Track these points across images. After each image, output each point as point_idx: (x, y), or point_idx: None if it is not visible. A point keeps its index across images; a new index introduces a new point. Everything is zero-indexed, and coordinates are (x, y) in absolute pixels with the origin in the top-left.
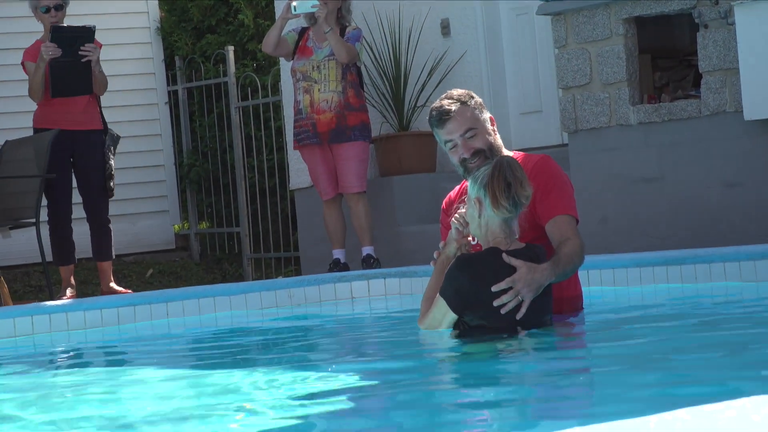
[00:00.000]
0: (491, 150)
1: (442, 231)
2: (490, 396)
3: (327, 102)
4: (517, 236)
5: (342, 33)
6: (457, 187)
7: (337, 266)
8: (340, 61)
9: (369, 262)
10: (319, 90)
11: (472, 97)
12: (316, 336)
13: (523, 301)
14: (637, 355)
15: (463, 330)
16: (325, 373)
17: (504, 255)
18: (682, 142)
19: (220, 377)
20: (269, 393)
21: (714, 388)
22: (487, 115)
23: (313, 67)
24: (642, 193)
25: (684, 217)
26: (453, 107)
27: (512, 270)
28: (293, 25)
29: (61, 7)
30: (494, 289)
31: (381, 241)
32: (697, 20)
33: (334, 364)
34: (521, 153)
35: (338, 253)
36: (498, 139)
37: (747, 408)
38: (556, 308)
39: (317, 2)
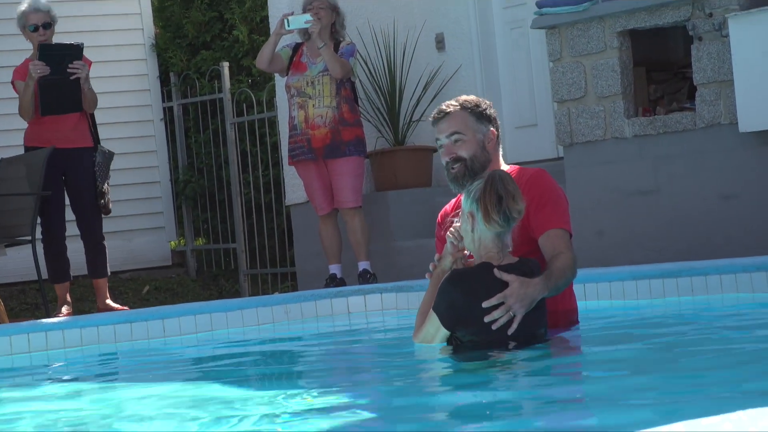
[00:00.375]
0: (473, 161)
1: (437, 244)
2: (483, 411)
3: (322, 117)
4: (510, 250)
5: (336, 48)
6: (453, 201)
7: (333, 281)
8: (334, 77)
9: (365, 277)
10: (313, 105)
11: (479, 106)
12: (312, 352)
13: (514, 316)
14: (632, 369)
15: (455, 345)
16: (318, 390)
17: (495, 270)
18: (678, 155)
19: (217, 394)
20: (264, 410)
21: (711, 401)
22: (488, 128)
23: (307, 83)
24: (638, 206)
25: (680, 229)
26: (451, 108)
27: (505, 285)
28: (287, 40)
29: (49, 26)
30: (485, 305)
31: (377, 256)
32: (691, 33)
33: (327, 382)
34: (516, 167)
35: (335, 269)
36: (489, 155)
37: (743, 421)
38: (551, 322)
39: (311, 18)
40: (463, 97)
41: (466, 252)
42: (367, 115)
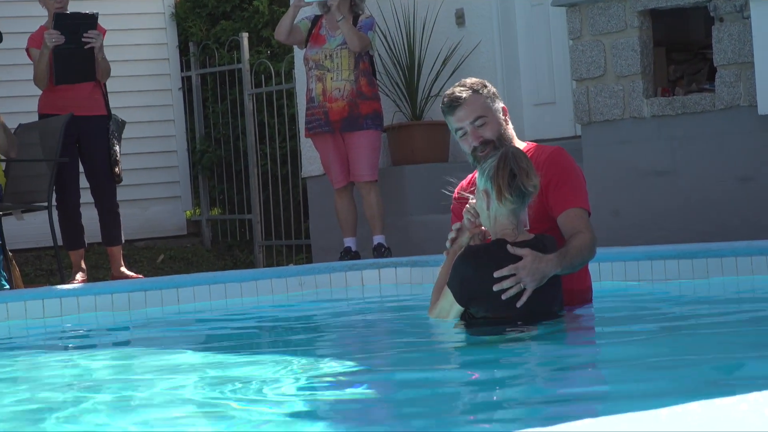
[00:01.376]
0: (501, 140)
1: (452, 219)
2: (494, 388)
3: (339, 90)
4: (527, 227)
5: (355, 21)
6: (469, 176)
7: (348, 254)
8: (353, 50)
9: (380, 251)
10: (331, 78)
11: (485, 86)
12: (325, 325)
13: (524, 290)
14: (647, 348)
15: (468, 321)
16: (331, 363)
17: (509, 246)
18: (696, 136)
19: (230, 364)
20: (277, 382)
21: (726, 381)
22: (499, 104)
23: (325, 56)
24: (655, 187)
25: (696, 210)
26: (464, 94)
27: (518, 261)
28: (306, 12)
29: None
30: (496, 274)
31: (392, 230)
32: (712, 13)
33: (341, 354)
34: (534, 144)
35: (349, 242)
36: (510, 130)
37: (759, 402)
38: (565, 300)
39: None
40: (468, 81)
41: (483, 228)
42: (385, 89)
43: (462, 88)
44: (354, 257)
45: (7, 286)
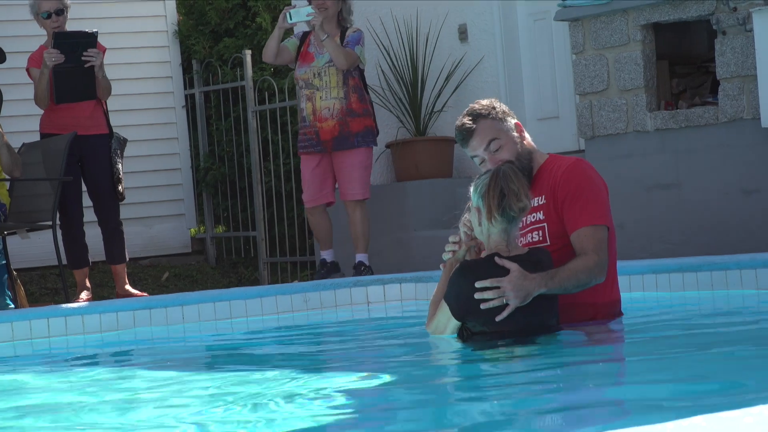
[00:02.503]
0: (519, 159)
1: None
2: (492, 402)
3: (329, 110)
4: (518, 242)
5: (342, 35)
6: None
7: (324, 267)
8: (340, 68)
9: (360, 270)
10: (320, 97)
11: (494, 108)
12: (330, 342)
13: (508, 305)
14: (649, 362)
15: (466, 335)
16: (334, 379)
17: (496, 258)
18: (699, 149)
19: (236, 382)
20: (282, 399)
21: (731, 395)
22: (512, 122)
23: (314, 74)
24: (659, 200)
25: (701, 223)
26: (472, 124)
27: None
28: (295, 29)
29: (61, 12)
30: (478, 284)
31: (396, 246)
32: (715, 27)
33: (343, 370)
34: (554, 156)
35: (326, 254)
36: (527, 145)
37: (764, 415)
38: (589, 314)
39: (312, 10)
40: (475, 107)
41: (478, 241)
42: (388, 104)
43: (469, 118)
44: (332, 269)
45: (12, 306)
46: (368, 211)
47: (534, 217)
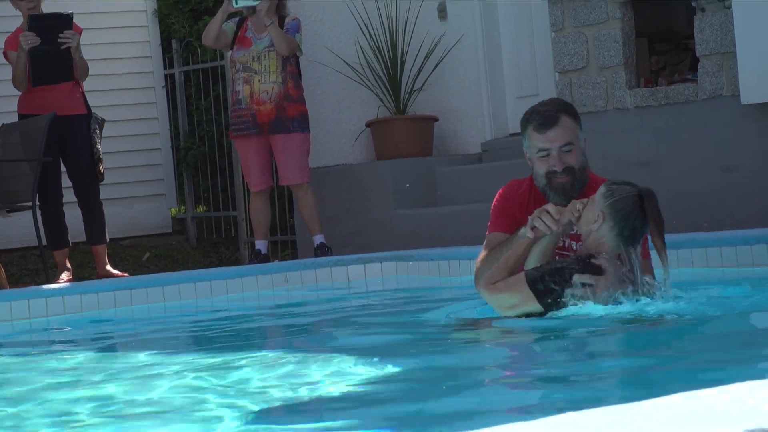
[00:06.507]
0: (582, 171)
1: (494, 219)
2: (480, 379)
3: (267, 93)
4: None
5: (281, 23)
6: (525, 181)
7: (258, 257)
8: (281, 54)
9: (324, 250)
10: (259, 81)
11: (576, 112)
12: (309, 321)
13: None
14: (631, 341)
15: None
16: (324, 360)
17: (604, 254)
18: (679, 126)
19: (216, 362)
20: (267, 379)
21: (710, 373)
22: (583, 135)
23: (253, 58)
24: (638, 177)
25: (680, 201)
26: (560, 116)
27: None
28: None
29: None
30: (577, 278)
31: (377, 225)
32: (693, 4)
33: (333, 350)
34: (603, 180)
35: (260, 244)
36: (587, 162)
37: (741, 392)
38: None
39: None
40: (560, 102)
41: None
42: (368, 83)
43: (557, 108)
44: (264, 260)
45: None
46: (314, 193)
47: None
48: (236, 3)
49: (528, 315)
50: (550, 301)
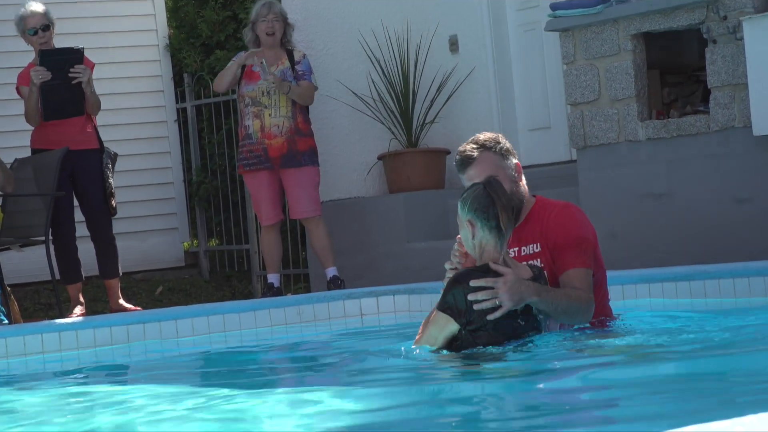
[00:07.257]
0: (511, 199)
1: None
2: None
3: (278, 127)
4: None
5: (290, 58)
6: None
7: (270, 291)
8: (305, 105)
9: (336, 284)
10: (269, 115)
11: (498, 143)
12: (322, 355)
13: (501, 305)
14: (640, 372)
15: (459, 344)
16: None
17: (491, 263)
18: (691, 158)
19: (230, 397)
20: (273, 412)
21: (721, 405)
22: (513, 161)
23: (262, 93)
24: (651, 209)
25: (693, 232)
26: (475, 153)
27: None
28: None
29: (47, 28)
30: (473, 283)
31: (389, 258)
32: (705, 35)
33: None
34: (541, 198)
35: (273, 278)
36: (522, 187)
37: (754, 424)
38: None
39: (273, 79)
40: (481, 137)
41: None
42: (380, 116)
43: (473, 146)
44: (277, 293)
45: (6, 321)
46: (326, 226)
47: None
48: (255, 66)
49: (454, 339)
50: (462, 310)
